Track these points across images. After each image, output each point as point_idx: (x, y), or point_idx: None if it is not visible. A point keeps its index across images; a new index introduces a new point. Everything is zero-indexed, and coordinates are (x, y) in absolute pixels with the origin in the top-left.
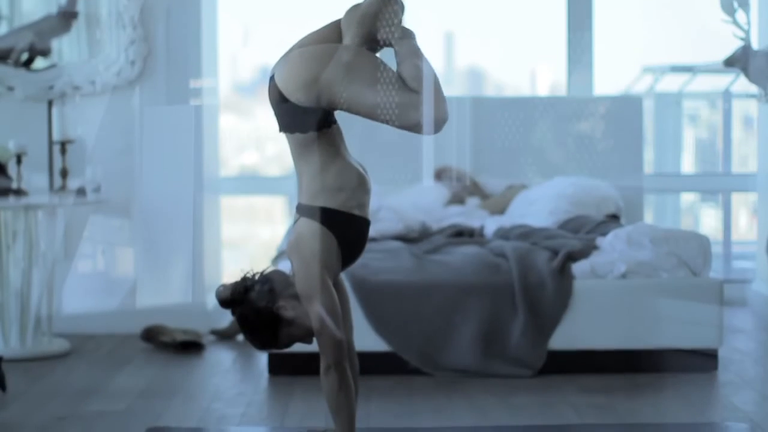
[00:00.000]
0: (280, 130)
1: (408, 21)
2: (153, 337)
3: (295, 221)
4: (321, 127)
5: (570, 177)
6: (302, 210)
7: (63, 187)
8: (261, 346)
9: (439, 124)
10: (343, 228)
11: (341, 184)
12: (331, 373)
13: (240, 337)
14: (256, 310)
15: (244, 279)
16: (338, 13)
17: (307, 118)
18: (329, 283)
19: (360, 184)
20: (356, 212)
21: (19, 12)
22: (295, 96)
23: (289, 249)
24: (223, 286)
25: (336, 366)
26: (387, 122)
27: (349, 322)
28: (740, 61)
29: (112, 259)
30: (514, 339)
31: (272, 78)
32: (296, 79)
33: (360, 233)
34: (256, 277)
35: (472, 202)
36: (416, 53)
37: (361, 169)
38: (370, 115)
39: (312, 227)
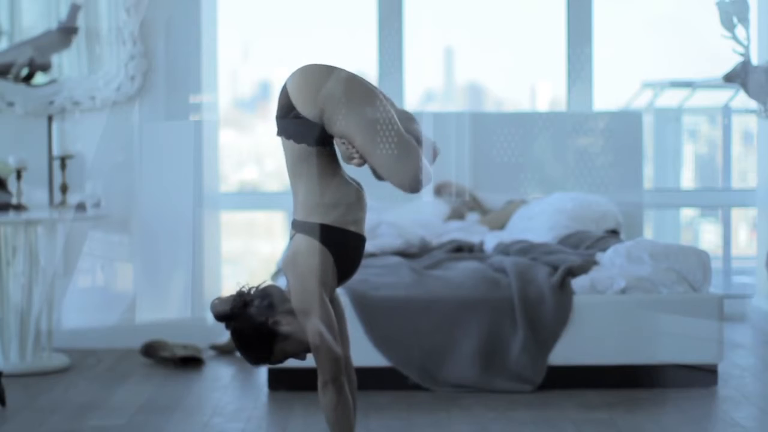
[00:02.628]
0: (279, 133)
1: (409, 36)
2: (153, 352)
3: (291, 237)
4: (324, 143)
5: (570, 192)
6: (298, 226)
7: (63, 203)
8: (255, 361)
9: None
10: (338, 244)
11: (337, 199)
12: (329, 389)
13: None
14: (252, 325)
15: (240, 293)
16: (338, 29)
17: (314, 132)
18: (325, 298)
19: (356, 200)
20: (352, 228)
21: (19, 27)
22: (306, 109)
23: (284, 265)
24: (219, 299)
25: (333, 382)
26: (380, 171)
27: (346, 337)
28: (740, 76)
29: (112, 274)
30: (513, 354)
31: (286, 84)
32: (309, 92)
33: (355, 249)
34: (252, 292)
35: (472, 217)
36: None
37: (356, 185)
38: (365, 156)
39: (307, 243)
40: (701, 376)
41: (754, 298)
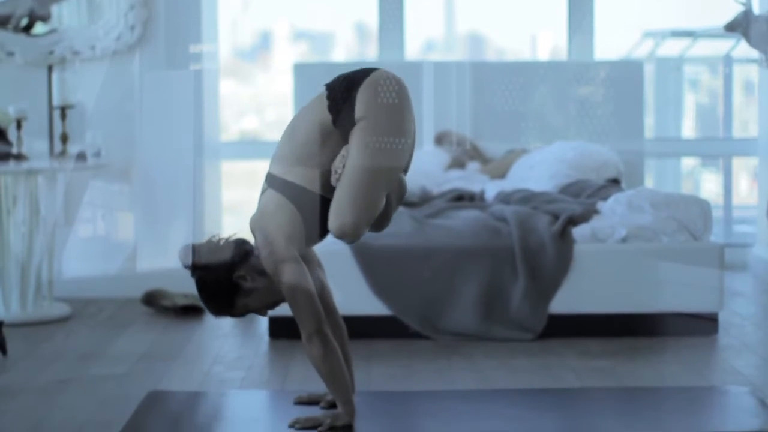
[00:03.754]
0: (327, 84)
1: None
2: (153, 301)
3: (263, 192)
4: (343, 133)
5: (571, 141)
6: (272, 182)
7: (63, 152)
8: (215, 311)
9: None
10: (309, 207)
11: (316, 163)
12: (314, 341)
13: None
14: (216, 276)
15: (210, 242)
16: None
17: (345, 119)
18: (296, 254)
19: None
20: (328, 196)
21: None
22: (357, 106)
23: (253, 222)
24: (185, 247)
25: (317, 333)
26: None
27: (326, 286)
28: (741, 25)
29: (113, 224)
30: (514, 303)
31: (368, 74)
32: (368, 102)
33: (326, 215)
34: (221, 243)
35: (473, 166)
36: None
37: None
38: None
39: (278, 200)
40: (702, 325)
41: (755, 247)
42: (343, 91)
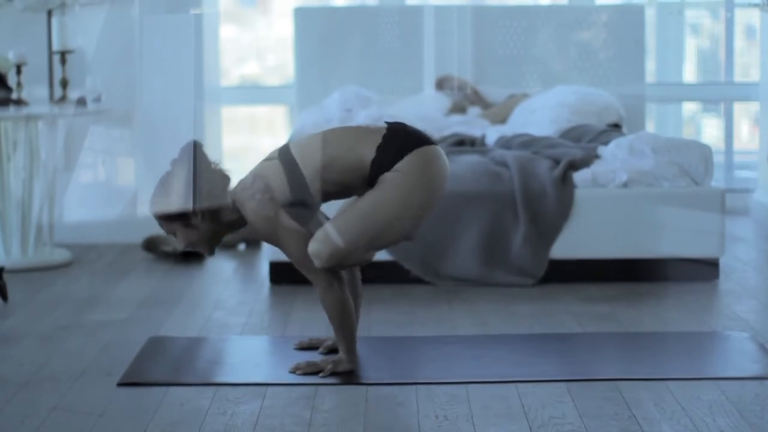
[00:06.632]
0: (389, 130)
1: None
2: (154, 246)
3: (268, 159)
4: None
5: (572, 86)
6: (284, 156)
7: (63, 98)
8: (154, 206)
9: None
10: (300, 198)
11: (330, 174)
12: (334, 287)
13: (241, 247)
14: (187, 184)
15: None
16: None
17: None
18: (288, 217)
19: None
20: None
21: None
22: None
23: (240, 189)
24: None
25: (336, 280)
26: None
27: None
28: None
29: (113, 169)
30: (515, 248)
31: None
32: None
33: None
34: (213, 167)
35: (474, 111)
36: None
37: None
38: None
39: (274, 169)
40: (703, 270)
41: (756, 192)
42: (398, 148)
